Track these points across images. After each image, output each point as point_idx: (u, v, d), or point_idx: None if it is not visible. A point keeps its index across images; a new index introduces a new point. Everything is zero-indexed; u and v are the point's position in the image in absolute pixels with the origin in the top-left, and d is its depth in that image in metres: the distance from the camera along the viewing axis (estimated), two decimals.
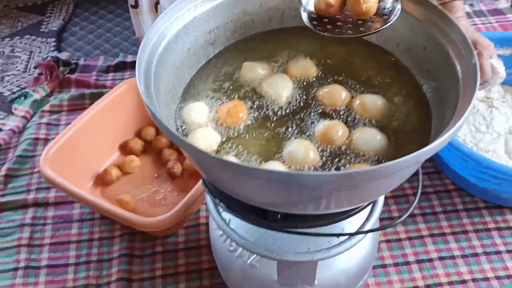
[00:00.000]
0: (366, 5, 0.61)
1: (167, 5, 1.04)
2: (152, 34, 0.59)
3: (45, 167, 0.90)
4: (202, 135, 0.59)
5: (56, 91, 1.24)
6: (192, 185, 0.98)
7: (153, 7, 1.05)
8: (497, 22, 1.36)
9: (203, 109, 0.63)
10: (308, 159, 0.56)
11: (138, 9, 1.05)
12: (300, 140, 0.59)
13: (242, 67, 0.68)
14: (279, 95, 0.64)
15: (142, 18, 1.06)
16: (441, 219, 0.94)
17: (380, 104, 0.62)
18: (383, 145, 0.58)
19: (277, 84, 0.64)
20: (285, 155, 0.57)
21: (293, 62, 0.68)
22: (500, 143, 0.98)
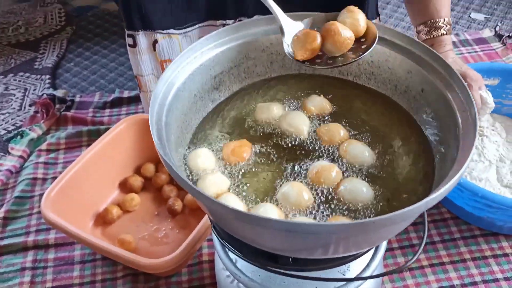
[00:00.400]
0: (344, 35, 0.64)
1: (165, 44, 1.06)
2: (161, 85, 0.61)
3: (46, 210, 0.90)
4: (211, 181, 0.60)
5: (52, 129, 1.24)
6: (193, 222, 0.99)
7: (151, 46, 1.07)
8: (482, 51, 1.41)
9: (207, 154, 0.64)
10: (301, 201, 0.58)
11: (136, 48, 1.06)
12: (293, 183, 0.60)
13: (256, 108, 0.70)
14: (301, 130, 0.67)
15: (141, 57, 1.08)
16: (440, 249, 0.96)
17: (367, 155, 0.64)
18: (369, 198, 0.59)
19: (296, 120, 0.67)
20: (278, 197, 0.59)
21: (309, 100, 0.71)
22: (492, 171, 1.00)
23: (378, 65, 0.70)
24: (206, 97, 0.70)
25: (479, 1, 1.68)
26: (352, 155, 0.63)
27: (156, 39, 1.05)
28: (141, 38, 1.05)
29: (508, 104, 1.11)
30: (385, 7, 1.68)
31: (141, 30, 1.04)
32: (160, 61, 1.08)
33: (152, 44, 1.07)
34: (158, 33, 1.05)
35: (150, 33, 1.05)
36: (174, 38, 1.07)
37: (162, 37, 1.06)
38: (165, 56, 1.08)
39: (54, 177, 1.11)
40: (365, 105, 0.71)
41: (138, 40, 1.05)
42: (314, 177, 0.60)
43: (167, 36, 1.06)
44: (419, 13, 0.98)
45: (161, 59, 1.08)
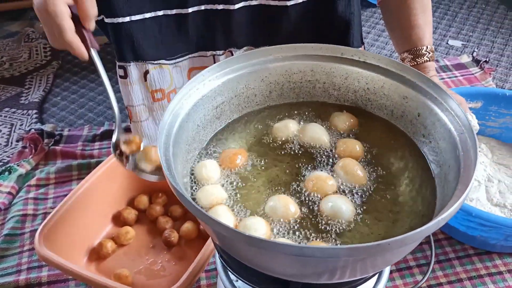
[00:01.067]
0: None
1: (156, 74, 1.07)
2: (166, 116, 0.62)
3: (40, 246, 0.88)
4: (208, 192, 0.63)
5: (41, 164, 1.23)
6: (190, 253, 0.98)
7: (142, 77, 1.08)
8: (462, 76, 1.47)
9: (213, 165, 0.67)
10: (288, 212, 0.61)
11: (127, 79, 1.07)
12: (279, 196, 0.63)
13: (273, 128, 0.73)
14: (324, 140, 0.70)
15: (132, 87, 1.08)
16: (436, 269, 0.97)
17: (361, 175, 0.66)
18: (348, 215, 0.61)
19: (317, 132, 0.72)
20: (266, 210, 0.62)
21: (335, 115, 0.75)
22: (481, 191, 1.03)
23: (374, 91, 0.73)
24: (208, 127, 0.71)
25: (456, 29, 1.76)
26: (348, 173, 0.66)
27: (147, 70, 1.06)
28: (133, 69, 1.06)
29: (491, 126, 1.15)
30: (366, 36, 1.73)
31: (133, 62, 1.05)
32: (151, 91, 1.09)
33: (143, 75, 1.07)
34: (150, 64, 1.06)
35: (142, 64, 1.06)
36: (165, 68, 1.08)
37: (153, 68, 1.07)
38: (156, 86, 1.09)
39: (45, 212, 1.10)
40: (363, 127, 0.73)
41: (129, 71, 1.06)
42: (307, 184, 0.64)
43: (158, 66, 1.07)
44: (402, 42, 1.02)
45: (151, 89, 1.09)
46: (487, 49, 1.64)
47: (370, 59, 0.71)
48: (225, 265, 0.66)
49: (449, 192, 0.57)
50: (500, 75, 1.52)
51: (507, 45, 1.66)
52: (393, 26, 1.06)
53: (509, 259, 0.98)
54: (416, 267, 0.97)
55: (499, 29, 1.76)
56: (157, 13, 1.01)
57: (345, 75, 0.73)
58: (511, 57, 1.60)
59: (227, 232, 0.50)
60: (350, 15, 1.06)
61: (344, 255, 0.47)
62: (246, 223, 0.59)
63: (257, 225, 0.58)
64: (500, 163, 1.10)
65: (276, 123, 0.74)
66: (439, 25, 1.78)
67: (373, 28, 1.79)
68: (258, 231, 0.57)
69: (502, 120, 1.14)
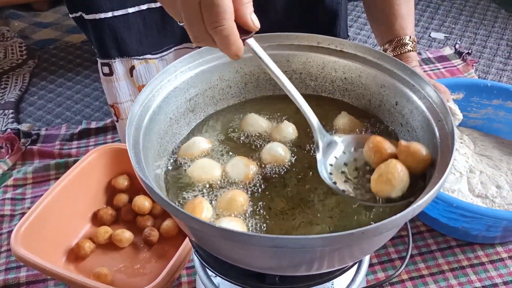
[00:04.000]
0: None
1: (142, 69, 1.05)
2: (136, 108, 0.60)
3: (17, 246, 0.86)
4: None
5: (18, 164, 1.20)
6: (170, 251, 0.96)
7: (128, 72, 1.06)
8: (444, 68, 1.46)
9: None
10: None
11: (113, 76, 1.05)
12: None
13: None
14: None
15: (118, 84, 1.06)
16: (418, 261, 0.97)
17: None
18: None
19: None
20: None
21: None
22: (463, 182, 1.03)
23: (351, 81, 0.71)
24: (181, 120, 0.69)
25: (438, 21, 1.76)
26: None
27: (133, 65, 1.05)
28: (118, 65, 1.04)
29: (473, 117, 1.15)
30: (348, 30, 1.72)
31: (118, 58, 1.03)
32: (138, 86, 1.07)
33: (129, 70, 1.06)
34: (135, 59, 1.04)
35: (127, 60, 1.04)
36: (151, 63, 1.06)
37: (139, 63, 1.05)
38: (143, 81, 1.07)
39: (23, 213, 1.07)
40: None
41: (115, 68, 1.04)
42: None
43: (144, 61, 1.05)
44: (385, 32, 1.01)
45: (138, 84, 1.07)
46: (470, 41, 1.65)
47: (347, 48, 0.70)
48: (201, 261, 0.64)
49: (427, 180, 0.56)
50: (482, 67, 1.52)
51: (489, 37, 1.67)
52: (375, 16, 1.05)
53: (491, 250, 0.98)
54: (398, 260, 0.97)
55: (481, 21, 1.76)
56: (140, 7, 1.00)
57: (322, 64, 0.72)
58: (493, 48, 1.60)
59: (199, 225, 0.48)
60: (337, 6, 1.05)
61: (317, 245, 0.46)
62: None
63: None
64: (482, 154, 1.09)
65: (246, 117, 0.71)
66: (422, 17, 1.78)
67: (355, 21, 1.78)
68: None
69: (484, 111, 1.14)
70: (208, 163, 0.63)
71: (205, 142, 0.67)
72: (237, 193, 0.59)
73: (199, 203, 0.57)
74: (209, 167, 0.62)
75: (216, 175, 0.62)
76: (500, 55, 1.57)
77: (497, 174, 1.03)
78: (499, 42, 1.64)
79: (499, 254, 0.97)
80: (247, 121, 0.70)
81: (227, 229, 0.47)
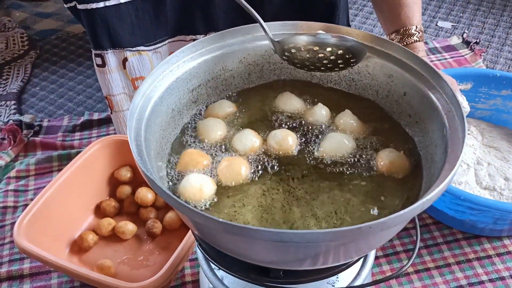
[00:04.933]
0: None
1: (135, 61, 1.04)
2: (137, 100, 0.59)
3: (19, 238, 0.86)
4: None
5: (21, 156, 1.19)
6: (174, 242, 0.96)
7: (121, 64, 1.04)
8: (452, 58, 1.44)
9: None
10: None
11: (106, 67, 1.04)
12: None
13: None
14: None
15: (111, 76, 1.05)
16: (424, 254, 0.96)
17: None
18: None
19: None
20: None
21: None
22: (470, 174, 1.01)
23: (358, 71, 0.70)
24: (184, 111, 0.68)
25: (445, 10, 1.73)
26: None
27: (126, 57, 1.03)
28: (110, 57, 1.02)
29: (481, 108, 1.13)
30: (354, 19, 1.70)
31: (110, 49, 1.02)
32: (131, 79, 1.06)
33: (122, 62, 1.04)
34: (128, 51, 1.02)
35: (120, 51, 1.02)
36: (144, 55, 1.05)
37: (132, 55, 1.03)
38: (136, 73, 1.05)
39: (25, 204, 1.07)
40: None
41: (107, 59, 1.02)
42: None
43: (137, 53, 1.04)
44: (391, 22, 0.99)
45: (132, 77, 1.06)
46: (478, 30, 1.62)
47: (353, 36, 0.68)
48: (204, 254, 0.63)
49: (436, 172, 0.54)
50: (491, 57, 1.49)
51: (498, 26, 1.64)
52: (381, 6, 1.03)
53: (498, 242, 0.97)
54: (403, 252, 0.95)
55: (490, 10, 1.73)
56: None
57: None
58: (502, 38, 1.58)
59: (201, 219, 0.47)
60: None
61: (323, 240, 0.45)
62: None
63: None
64: (490, 145, 1.08)
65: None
66: (429, 6, 1.75)
67: (360, 10, 1.76)
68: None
69: (492, 102, 1.12)
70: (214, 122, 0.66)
71: (231, 106, 0.69)
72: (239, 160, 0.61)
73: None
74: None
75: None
76: (509, 45, 1.54)
77: (505, 166, 1.01)
78: (508, 31, 1.61)
79: (506, 247, 0.96)
80: (282, 99, 0.70)
81: (230, 223, 0.46)
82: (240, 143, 0.63)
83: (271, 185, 0.59)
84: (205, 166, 0.61)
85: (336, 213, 0.56)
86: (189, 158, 0.61)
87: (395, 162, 0.61)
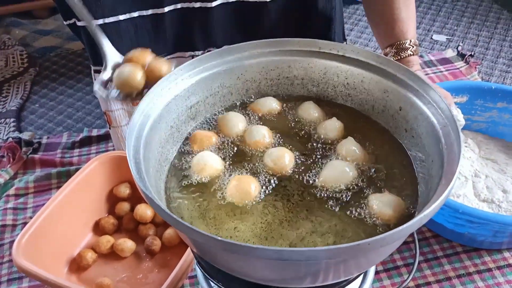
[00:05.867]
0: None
1: None
2: (136, 117, 0.59)
3: (18, 257, 0.86)
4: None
5: (20, 173, 1.19)
6: (173, 260, 0.95)
7: None
8: (447, 71, 1.45)
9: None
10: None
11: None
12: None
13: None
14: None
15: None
16: (424, 268, 0.95)
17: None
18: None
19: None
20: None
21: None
22: (468, 187, 1.01)
23: (354, 86, 0.70)
24: (182, 128, 0.68)
25: (440, 23, 1.75)
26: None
27: None
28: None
29: (477, 120, 1.13)
30: (349, 33, 1.72)
31: None
32: None
33: None
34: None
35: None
36: None
37: None
38: None
39: (24, 222, 1.07)
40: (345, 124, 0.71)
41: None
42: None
43: None
44: (386, 36, 1.00)
45: None
46: (472, 43, 1.64)
47: (349, 53, 0.69)
48: (203, 272, 0.63)
49: (433, 187, 0.55)
50: (485, 69, 1.51)
51: (492, 38, 1.66)
52: (376, 21, 1.04)
53: (498, 255, 0.97)
54: (403, 267, 0.95)
55: (484, 22, 1.75)
56: (131, 14, 0.99)
57: (324, 70, 0.71)
58: (496, 50, 1.59)
59: (200, 237, 0.47)
60: (332, 11, 1.05)
61: (322, 257, 0.45)
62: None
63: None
64: (487, 158, 1.08)
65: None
66: (423, 20, 1.77)
67: (356, 25, 1.78)
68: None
69: (488, 114, 1.12)
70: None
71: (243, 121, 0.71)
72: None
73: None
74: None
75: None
76: (503, 57, 1.56)
77: (503, 178, 1.02)
78: (502, 43, 1.63)
79: (507, 260, 0.96)
80: (303, 109, 0.72)
81: (229, 241, 0.46)
82: (251, 135, 0.66)
83: (270, 202, 0.59)
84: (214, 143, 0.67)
85: (336, 227, 0.56)
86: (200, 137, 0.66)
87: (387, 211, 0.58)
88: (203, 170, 0.62)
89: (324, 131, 0.69)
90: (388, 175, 0.63)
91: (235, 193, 0.59)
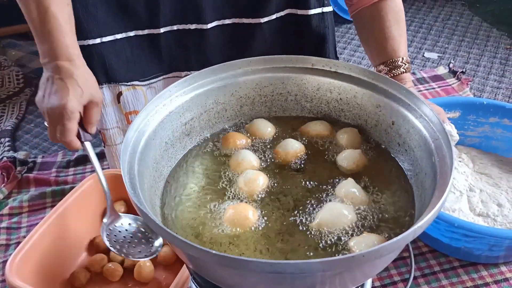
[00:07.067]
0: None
1: (130, 96, 1.05)
2: (131, 134, 0.60)
3: (12, 277, 0.84)
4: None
5: (14, 192, 1.19)
6: (168, 278, 0.95)
7: (115, 99, 1.05)
8: (439, 87, 1.47)
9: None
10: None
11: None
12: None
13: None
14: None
15: (105, 110, 1.05)
16: (421, 283, 0.95)
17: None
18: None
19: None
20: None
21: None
22: (463, 201, 1.02)
23: (346, 101, 0.71)
24: (177, 145, 0.68)
25: (431, 41, 1.77)
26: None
27: (120, 91, 1.04)
28: (105, 91, 1.04)
29: (470, 135, 1.14)
30: (342, 52, 1.74)
31: (105, 84, 1.03)
32: (125, 113, 1.06)
33: (116, 97, 1.05)
34: (123, 85, 1.04)
35: (114, 86, 1.03)
36: (139, 90, 1.06)
37: (126, 89, 1.05)
38: (130, 107, 1.06)
39: (18, 242, 1.06)
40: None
41: (102, 94, 1.03)
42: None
43: (132, 87, 1.05)
44: (378, 54, 1.01)
45: (125, 111, 1.06)
46: (464, 60, 1.66)
47: (341, 69, 0.70)
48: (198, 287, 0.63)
49: (427, 200, 0.55)
50: (477, 85, 1.52)
51: (482, 55, 1.68)
52: (367, 39, 1.05)
53: (495, 269, 0.96)
54: (400, 282, 0.95)
55: (474, 40, 1.77)
56: (128, 33, 1.00)
57: (317, 86, 0.72)
58: (487, 67, 1.61)
59: (195, 252, 0.47)
60: (325, 29, 1.06)
61: (317, 270, 0.45)
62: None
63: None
64: (481, 172, 1.09)
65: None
66: (415, 38, 1.80)
67: (348, 43, 1.80)
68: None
69: (481, 129, 1.13)
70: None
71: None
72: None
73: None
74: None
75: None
76: (494, 73, 1.58)
77: (497, 192, 1.02)
78: (493, 60, 1.65)
79: (504, 274, 0.96)
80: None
81: (224, 255, 0.46)
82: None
83: (265, 214, 0.60)
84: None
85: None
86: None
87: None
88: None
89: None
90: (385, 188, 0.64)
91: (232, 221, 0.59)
